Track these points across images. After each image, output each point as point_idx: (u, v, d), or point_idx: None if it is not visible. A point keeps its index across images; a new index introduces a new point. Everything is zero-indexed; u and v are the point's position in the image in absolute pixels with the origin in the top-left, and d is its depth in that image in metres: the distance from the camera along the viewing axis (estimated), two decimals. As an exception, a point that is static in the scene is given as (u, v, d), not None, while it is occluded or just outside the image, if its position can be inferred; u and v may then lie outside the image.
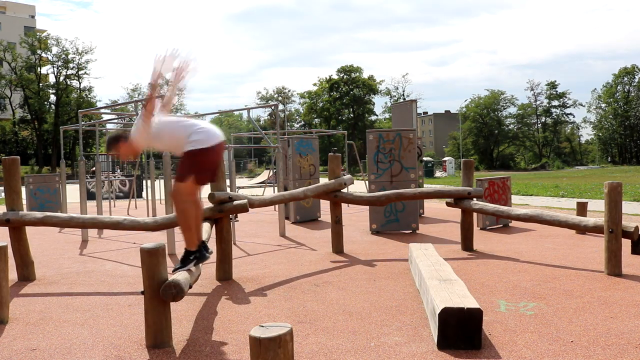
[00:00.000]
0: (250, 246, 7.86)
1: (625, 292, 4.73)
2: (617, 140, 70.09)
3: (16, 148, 54.07)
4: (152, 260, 3.46)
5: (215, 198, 5.54)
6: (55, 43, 52.59)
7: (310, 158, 11.18)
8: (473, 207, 6.78)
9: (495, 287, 5.03)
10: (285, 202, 7.29)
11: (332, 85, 66.31)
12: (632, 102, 67.97)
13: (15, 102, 53.38)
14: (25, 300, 4.92)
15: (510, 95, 70.89)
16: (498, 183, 9.32)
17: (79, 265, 6.64)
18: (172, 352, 3.50)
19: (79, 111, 9.66)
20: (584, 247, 7.17)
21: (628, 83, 69.09)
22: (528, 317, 4.06)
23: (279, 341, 2.36)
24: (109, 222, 5.81)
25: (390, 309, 4.35)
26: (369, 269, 6.00)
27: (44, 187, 12.68)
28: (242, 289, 5.17)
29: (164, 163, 6.99)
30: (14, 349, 3.63)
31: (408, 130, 9.06)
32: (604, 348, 3.40)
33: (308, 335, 3.76)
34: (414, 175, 8.89)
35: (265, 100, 69.87)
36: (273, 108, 13.31)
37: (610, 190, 5.34)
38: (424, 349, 3.44)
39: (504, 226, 9.33)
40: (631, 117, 67.94)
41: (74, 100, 52.97)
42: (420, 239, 8.15)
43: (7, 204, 5.71)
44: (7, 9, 65.99)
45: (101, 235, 9.52)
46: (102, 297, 5.02)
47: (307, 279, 5.54)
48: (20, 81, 51.01)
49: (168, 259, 6.74)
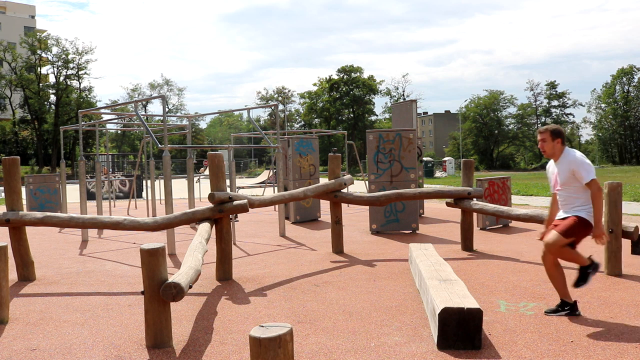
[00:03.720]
0: (250, 246, 7.86)
1: (625, 292, 4.73)
2: (617, 141, 70.09)
3: (16, 148, 54.07)
4: (152, 260, 3.46)
5: (215, 198, 5.54)
6: (55, 43, 52.56)
7: (310, 158, 11.18)
8: (473, 207, 6.78)
9: (495, 287, 5.03)
10: (285, 202, 7.28)
11: (332, 85, 66.29)
12: (632, 102, 67.99)
13: (15, 102, 53.37)
14: (25, 300, 4.92)
15: (509, 95, 70.94)
16: (498, 183, 9.32)
17: (79, 265, 6.64)
18: (172, 352, 3.50)
19: (79, 111, 9.66)
20: (583, 247, 7.16)
21: (627, 83, 69.08)
22: (528, 317, 4.06)
23: (279, 341, 2.36)
24: (109, 222, 5.81)
25: (390, 309, 4.35)
26: (369, 269, 6.00)
27: (44, 187, 12.68)
28: (242, 289, 5.17)
29: (163, 163, 6.99)
30: (14, 349, 3.63)
31: (408, 131, 9.06)
32: (604, 348, 3.40)
33: (308, 335, 3.76)
34: (414, 175, 8.88)
35: (265, 100, 69.88)
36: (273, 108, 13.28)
37: (610, 190, 5.34)
38: (424, 349, 3.44)
39: (504, 226, 9.33)
40: (631, 117, 67.94)
41: (74, 100, 52.95)
42: (420, 239, 8.15)
43: (7, 204, 5.71)
44: (7, 9, 65.99)
45: (101, 235, 9.52)
46: (102, 297, 5.02)
47: (307, 279, 5.54)
48: (20, 81, 51.00)
49: (168, 259, 6.74)
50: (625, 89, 69.43)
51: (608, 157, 71.79)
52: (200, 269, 4.17)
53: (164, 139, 7.15)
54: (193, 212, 5.66)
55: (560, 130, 4.42)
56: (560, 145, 4.37)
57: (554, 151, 4.37)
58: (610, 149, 72.83)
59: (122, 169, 38.21)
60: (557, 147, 4.36)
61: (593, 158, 72.42)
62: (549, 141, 4.35)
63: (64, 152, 11.99)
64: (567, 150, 4.35)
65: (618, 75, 69.48)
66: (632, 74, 68.59)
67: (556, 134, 4.36)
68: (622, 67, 69.20)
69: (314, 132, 18.68)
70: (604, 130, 71.37)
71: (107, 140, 17.13)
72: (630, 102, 68.36)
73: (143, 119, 7.67)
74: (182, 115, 14.13)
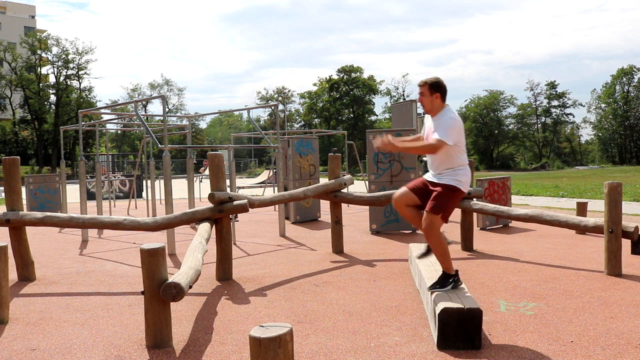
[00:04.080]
0: (250, 246, 7.86)
1: (625, 292, 4.73)
2: (617, 141, 70.09)
3: (16, 148, 54.06)
4: (152, 260, 3.46)
5: (215, 198, 5.54)
6: (55, 43, 52.56)
7: (310, 158, 11.18)
8: (473, 207, 6.78)
9: (495, 287, 5.03)
10: (285, 202, 7.28)
11: (332, 85, 66.30)
12: (632, 102, 68.00)
13: (15, 102, 53.36)
14: (25, 300, 4.92)
15: (509, 95, 70.94)
16: (498, 183, 9.32)
17: (79, 265, 6.64)
18: (172, 352, 3.50)
19: (79, 111, 9.66)
20: (583, 247, 7.17)
21: (627, 83, 69.10)
22: (528, 317, 4.06)
23: (279, 341, 2.36)
24: (109, 222, 5.81)
25: (390, 309, 4.35)
26: (369, 269, 6.00)
27: (44, 187, 12.68)
28: (242, 289, 5.17)
29: (163, 163, 6.99)
30: (14, 349, 3.63)
31: (408, 131, 9.06)
32: (604, 348, 3.41)
33: (308, 335, 3.76)
34: (414, 175, 8.88)
35: (265, 100, 69.86)
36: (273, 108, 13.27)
37: (610, 190, 5.34)
38: (424, 349, 3.44)
39: (504, 226, 9.33)
40: (631, 117, 67.95)
41: (74, 100, 52.95)
42: (420, 239, 8.15)
43: (7, 204, 5.71)
44: (7, 9, 65.99)
45: (101, 235, 9.52)
46: (102, 297, 5.02)
47: (307, 279, 5.54)
48: (20, 81, 51.00)
49: (168, 259, 6.74)
50: (625, 89, 69.43)
51: (608, 157, 71.78)
52: (200, 269, 4.17)
53: (164, 139, 7.15)
54: (193, 212, 5.66)
55: (439, 83, 4.14)
56: (440, 101, 4.10)
57: (433, 106, 4.11)
58: (610, 149, 72.82)
59: (122, 169, 38.21)
60: (437, 103, 4.10)
61: (593, 158, 72.46)
62: (427, 95, 4.09)
63: (64, 152, 11.99)
64: (446, 109, 4.09)
65: (618, 75, 69.50)
66: (632, 74, 68.62)
67: (435, 88, 4.09)
68: (622, 67, 69.25)
69: (314, 132, 18.68)
70: (604, 130, 71.36)
71: (107, 140, 17.13)
72: (630, 102, 68.36)
73: (143, 119, 7.67)
74: (182, 115, 14.13)
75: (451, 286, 4.03)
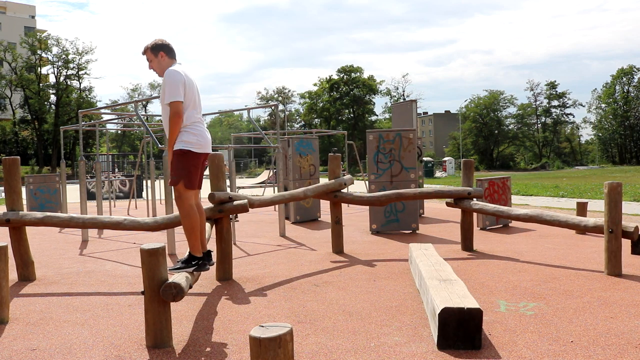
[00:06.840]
0: (250, 246, 7.86)
1: (625, 292, 4.73)
2: (617, 141, 70.10)
3: (16, 148, 54.06)
4: (152, 260, 3.46)
5: (215, 198, 5.54)
6: (55, 43, 52.59)
7: (310, 158, 11.18)
8: (473, 207, 6.78)
9: (495, 287, 5.03)
10: (285, 202, 7.28)
11: (332, 85, 66.32)
12: (632, 102, 68.00)
13: (15, 102, 53.39)
14: (25, 300, 4.92)
15: (509, 95, 71.00)
16: (498, 183, 9.32)
17: (79, 265, 6.64)
18: (172, 352, 3.50)
19: (79, 111, 9.66)
20: (583, 247, 7.17)
21: (627, 83, 69.12)
22: (528, 317, 4.06)
23: (279, 341, 2.36)
24: (109, 222, 5.81)
25: (390, 309, 4.35)
26: (369, 269, 6.00)
27: (44, 187, 12.68)
28: (242, 289, 5.17)
29: (163, 163, 6.99)
30: (14, 349, 3.63)
31: (408, 130, 9.06)
32: (604, 348, 3.41)
33: (308, 335, 3.76)
34: (414, 175, 8.89)
35: (266, 100, 69.85)
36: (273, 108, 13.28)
37: (610, 190, 5.34)
38: (424, 349, 3.44)
39: (504, 226, 9.33)
40: (631, 117, 67.97)
41: (74, 100, 52.97)
42: (420, 239, 8.15)
43: (7, 204, 5.71)
44: (7, 9, 66.01)
45: (101, 235, 9.53)
46: (102, 297, 5.02)
47: (307, 279, 5.54)
48: (20, 81, 51.02)
49: (168, 259, 6.74)
50: (625, 89, 69.46)
51: (608, 157, 71.80)
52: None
53: (164, 139, 7.14)
54: (193, 212, 5.66)
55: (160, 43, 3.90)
56: (168, 59, 3.86)
57: (162, 67, 3.86)
58: (610, 149, 72.85)
59: (122, 169, 38.23)
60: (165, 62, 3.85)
61: (593, 158, 72.45)
62: (153, 60, 3.87)
63: (64, 152, 11.99)
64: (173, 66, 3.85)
65: (618, 75, 69.53)
66: (632, 74, 68.66)
67: (157, 49, 3.88)
68: (622, 67, 69.29)
69: (314, 132, 18.67)
70: (604, 130, 71.39)
71: (108, 140, 17.13)
72: (630, 102, 68.39)
73: (143, 119, 7.67)
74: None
75: (194, 268, 3.92)
